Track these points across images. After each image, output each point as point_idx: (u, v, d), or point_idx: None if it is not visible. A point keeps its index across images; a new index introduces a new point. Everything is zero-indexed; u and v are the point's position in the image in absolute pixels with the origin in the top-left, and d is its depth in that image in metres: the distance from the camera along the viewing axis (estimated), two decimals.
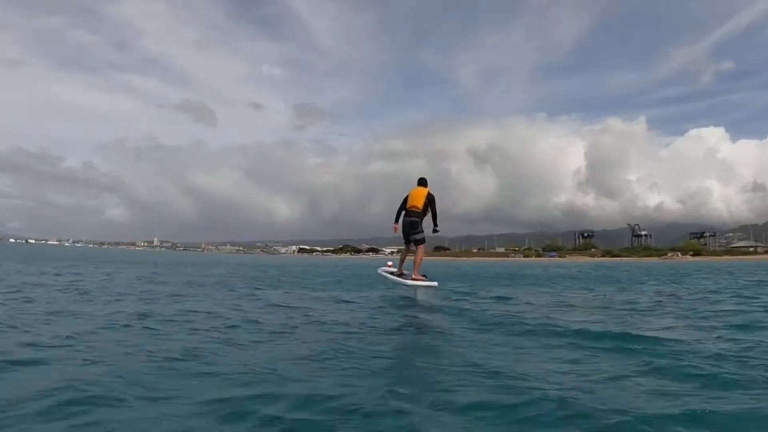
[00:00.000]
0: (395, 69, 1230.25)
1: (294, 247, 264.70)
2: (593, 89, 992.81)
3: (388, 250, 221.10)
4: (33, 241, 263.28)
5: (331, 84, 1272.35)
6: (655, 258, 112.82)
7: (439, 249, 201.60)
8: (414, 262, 10.78)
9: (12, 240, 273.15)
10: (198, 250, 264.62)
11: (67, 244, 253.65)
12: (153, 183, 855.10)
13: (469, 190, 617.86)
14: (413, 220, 10.61)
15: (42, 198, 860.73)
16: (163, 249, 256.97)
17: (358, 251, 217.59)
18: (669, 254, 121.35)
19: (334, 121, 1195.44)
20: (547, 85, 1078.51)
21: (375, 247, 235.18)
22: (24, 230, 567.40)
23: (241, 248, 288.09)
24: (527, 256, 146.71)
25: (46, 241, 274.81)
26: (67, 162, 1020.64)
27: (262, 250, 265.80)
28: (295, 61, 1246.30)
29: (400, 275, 11.33)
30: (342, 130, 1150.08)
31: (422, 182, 11.00)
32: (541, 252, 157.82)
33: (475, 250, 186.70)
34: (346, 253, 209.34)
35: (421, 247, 10.74)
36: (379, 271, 12.02)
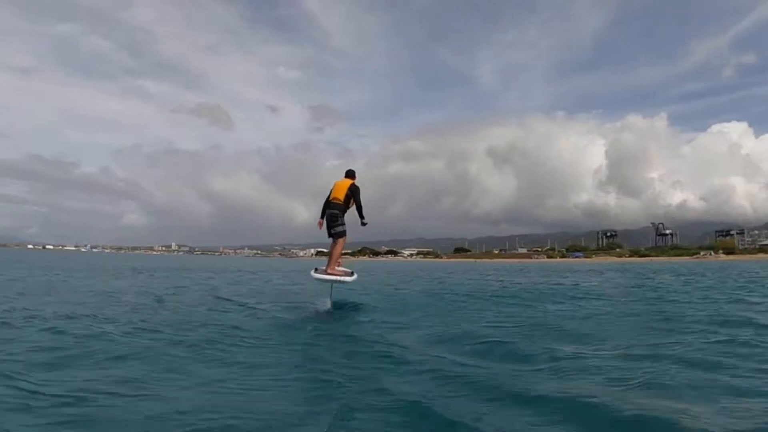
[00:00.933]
0: (413, 68, 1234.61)
1: (312, 250, 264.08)
2: (613, 85, 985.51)
3: (407, 252, 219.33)
4: (51, 247, 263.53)
5: (348, 85, 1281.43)
6: (687, 258, 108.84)
7: (460, 250, 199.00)
8: (331, 255, 10.47)
9: (30, 246, 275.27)
10: (216, 253, 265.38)
11: (83, 250, 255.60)
12: (170, 188, 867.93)
13: (488, 190, 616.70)
14: (333, 213, 10.28)
15: (59, 204, 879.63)
16: (181, 253, 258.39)
17: (377, 254, 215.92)
18: (702, 253, 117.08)
19: (352, 123, 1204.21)
20: (567, 82, 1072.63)
21: (394, 249, 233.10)
22: (42, 236, 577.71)
23: (259, 251, 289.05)
24: (551, 257, 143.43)
25: (63, 246, 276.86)
26: (83, 168, 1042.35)
27: (280, 254, 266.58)
28: (311, 63, 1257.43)
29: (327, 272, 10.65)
30: (360, 132, 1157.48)
31: (348, 174, 10.71)
32: (565, 253, 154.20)
33: (496, 252, 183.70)
34: (364, 255, 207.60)
35: (341, 240, 10.36)
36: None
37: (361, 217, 10.40)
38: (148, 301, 10.57)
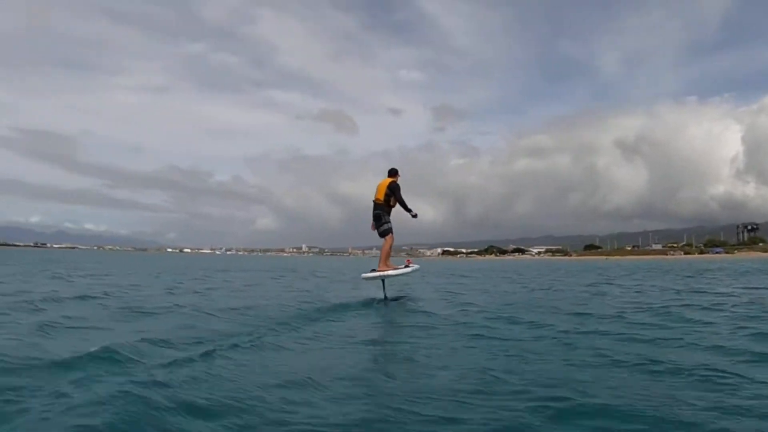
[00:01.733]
0: (535, 62, 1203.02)
1: (438, 250, 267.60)
2: (747, 66, 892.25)
3: (535, 250, 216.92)
4: (188, 251, 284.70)
5: (470, 83, 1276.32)
6: None
7: (590, 247, 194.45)
8: (381, 254, 10.75)
9: (169, 249, 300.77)
10: (345, 254, 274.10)
11: (218, 253, 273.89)
12: (299, 192, 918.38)
13: (618, 184, 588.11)
14: (376, 213, 10.64)
15: (195, 210, 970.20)
16: (311, 255, 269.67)
17: (503, 252, 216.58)
18: None
19: (475, 121, 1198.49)
20: (696, 65, 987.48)
21: (521, 247, 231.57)
22: (180, 240, 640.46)
23: None
24: (688, 254, 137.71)
25: (200, 250, 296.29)
26: (217, 177, 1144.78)
27: (407, 253, 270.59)
28: (431, 64, 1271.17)
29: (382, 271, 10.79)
30: (483, 129, 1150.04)
31: (390, 172, 10.85)
32: (703, 248, 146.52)
33: (629, 248, 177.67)
34: (491, 254, 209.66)
35: (389, 237, 10.63)
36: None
37: (407, 210, 10.59)
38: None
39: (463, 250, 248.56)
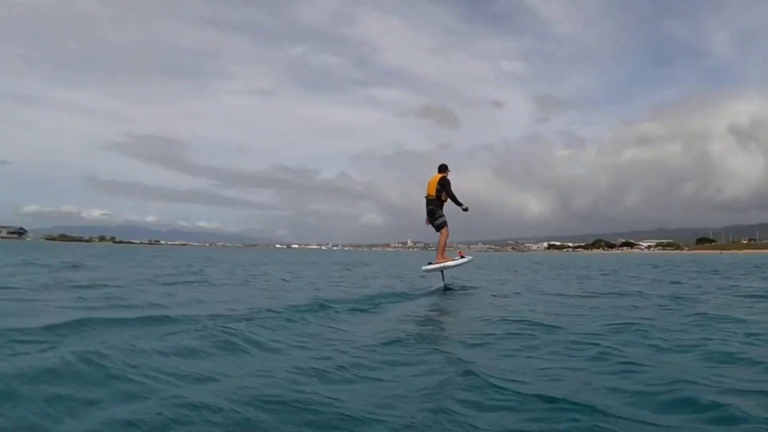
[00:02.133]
0: (640, 46, 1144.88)
1: (544, 244, 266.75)
2: None
3: (645, 244, 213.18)
4: (296, 246, 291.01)
5: (573, 71, 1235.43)
6: None
7: (703, 241, 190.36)
8: (438, 247, 11.15)
9: (278, 245, 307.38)
10: (449, 249, 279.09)
11: (324, 248, 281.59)
12: (404, 187, 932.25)
13: (733, 173, 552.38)
14: (430, 208, 11.01)
15: (303, 208, 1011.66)
16: (416, 249, 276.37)
17: (611, 246, 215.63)
18: None
19: (580, 110, 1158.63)
20: None
21: (630, 241, 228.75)
22: (288, 237, 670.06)
23: (492, 246, 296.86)
24: None
25: (307, 245, 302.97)
26: (323, 174, 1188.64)
27: (512, 248, 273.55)
28: (533, 53, 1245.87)
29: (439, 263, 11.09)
30: (589, 119, 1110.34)
31: (440, 168, 11.04)
32: None
33: (744, 242, 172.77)
34: (598, 248, 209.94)
35: (444, 230, 10.96)
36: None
37: (458, 204, 10.77)
38: None
39: (570, 245, 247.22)
